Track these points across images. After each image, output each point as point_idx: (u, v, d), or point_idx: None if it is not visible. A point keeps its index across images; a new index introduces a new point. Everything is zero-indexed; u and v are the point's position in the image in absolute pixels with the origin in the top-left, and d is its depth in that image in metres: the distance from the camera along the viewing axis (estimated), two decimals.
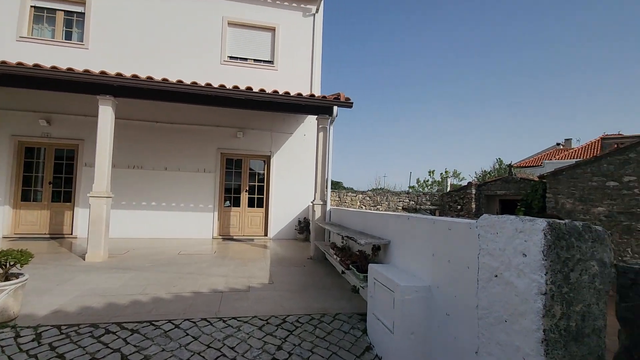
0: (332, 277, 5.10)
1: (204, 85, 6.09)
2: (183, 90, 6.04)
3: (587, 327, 1.66)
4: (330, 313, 3.62)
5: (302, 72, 9.44)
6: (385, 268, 3.09)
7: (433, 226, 2.62)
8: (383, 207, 13.13)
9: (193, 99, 6.28)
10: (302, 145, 9.45)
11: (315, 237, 6.68)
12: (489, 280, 1.92)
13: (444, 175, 26.71)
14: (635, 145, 7.92)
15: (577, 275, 1.65)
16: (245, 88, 6.26)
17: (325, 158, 6.74)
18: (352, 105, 6.42)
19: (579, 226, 1.70)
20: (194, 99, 6.29)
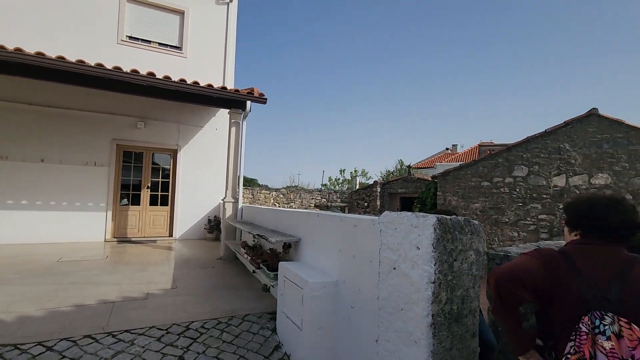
0: (242, 277, 4.94)
1: (94, 66, 5.27)
2: (64, 69, 5.12)
3: (465, 309, 1.91)
4: (239, 315, 3.49)
5: (215, 62, 8.92)
6: (295, 265, 3.11)
7: (340, 223, 2.72)
8: (296, 204, 13.31)
9: (78, 80, 5.39)
10: (213, 139, 8.95)
11: (226, 237, 6.40)
12: (389, 273, 2.07)
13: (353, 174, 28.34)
14: (502, 152, 9.57)
15: (459, 264, 1.88)
16: (146, 73, 5.62)
17: (237, 154, 6.49)
18: (266, 101, 6.31)
19: (461, 221, 1.94)
20: (80, 80, 5.40)
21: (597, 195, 1.43)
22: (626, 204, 1.36)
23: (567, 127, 8.62)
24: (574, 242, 1.39)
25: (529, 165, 9.01)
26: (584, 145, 8.36)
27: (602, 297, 1.18)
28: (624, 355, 1.06)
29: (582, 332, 1.17)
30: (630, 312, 1.13)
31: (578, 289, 1.24)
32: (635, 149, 7.82)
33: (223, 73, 8.92)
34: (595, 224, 1.34)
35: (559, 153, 8.64)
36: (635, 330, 1.08)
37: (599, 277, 1.23)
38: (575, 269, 1.28)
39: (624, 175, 7.89)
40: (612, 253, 1.29)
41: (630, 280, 1.19)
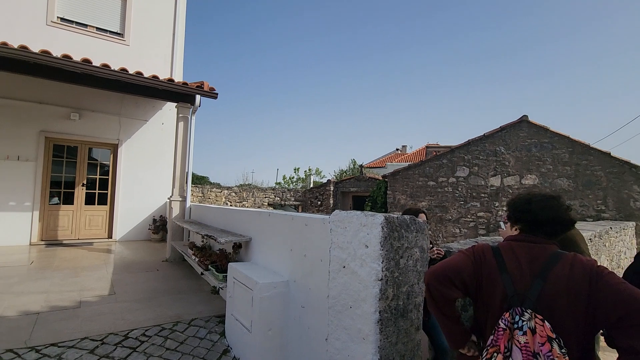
0: (190, 280, 4.72)
1: (17, 48, 4.69)
2: None
3: (410, 304, 1.99)
4: (184, 320, 3.32)
5: (161, 52, 8.39)
6: (245, 266, 3.03)
7: (292, 222, 2.70)
8: (249, 203, 13.03)
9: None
10: (160, 134, 8.43)
11: (173, 237, 6.06)
12: (339, 271, 2.09)
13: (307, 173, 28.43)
14: (447, 153, 10.19)
15: (405, 261, 1.95)
16: (81, 60, 5.12)
17: (185, 150, 6.17)
18: (216, 96, 6.07)
19: (407, 219, 2.02)
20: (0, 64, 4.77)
21: (535, 193, 1.49)
22: (560, 201, 1.41)
23: (502, 132, 9.41)
24: (509, 238, 1.46)
25: (469, 167, 9.69)
26: (516, 149, 9.19)
27: (523, 294, 1.25)
28: (535, 349, 1.14)
29: (500, 327, 1.24)
30: (545, 310, 1.20)
31: (503, 286, 1.31)
32: (558, 153, 8.77)
33: (171, 64, 8.42)
34: (530, 219, 1.40)
35: (495, 155, 9.41)
36: (546, 327, 1.15)
37: (524, 275, 1.30)
38: (502, 266, 1.35)
39: (549, 176, 8.81)
40: (541, 250, 1.32)
41: (549, 279, 1.23)
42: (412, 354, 1.97)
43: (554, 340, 1.13)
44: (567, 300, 1.19)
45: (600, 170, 8.36)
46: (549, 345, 1.12)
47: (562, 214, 1.38)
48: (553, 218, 1.36)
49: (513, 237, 1.45)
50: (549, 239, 1.37)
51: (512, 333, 1.21)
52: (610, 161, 8.29)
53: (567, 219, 1.39)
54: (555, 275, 1.23)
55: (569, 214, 1.40)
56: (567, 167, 8.67)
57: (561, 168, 8.71)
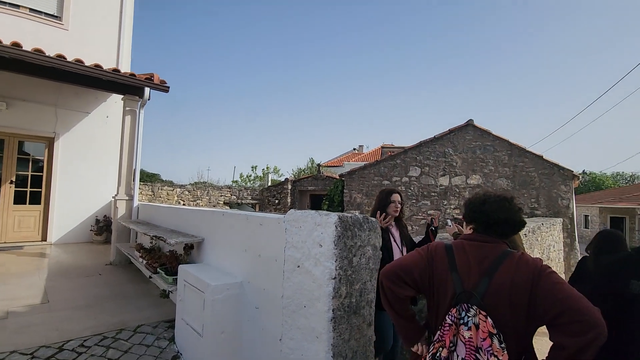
0: (137, 284, 4.44)
1: None
2: None
3: (363, 301, 2.04)
4: (130, 326, 3.12)
5: (107, 40, 7.78)
6: (197, 268, 2.91)
7: (246, 222, 2.64)
8: (204, 202, 12.56)
9: None
10: (104, 128, 7.82)
11: (118, 239, 5.66)
12: (293, 271, 2.08)
13: (265, 171, 28.04)
14: (400, 154, 10.61)
15: (358, 259, 1.99)
16: (10, 43, 4.59)
17: (133, 146, 5.79)
18: (168, 89, 5.77)
19: (360, 218, 2.06)
20: None
21: (490, 194, 1.54)
22: (513, 203, 1.46)
23: (451, 134, 9.99)
24: (463, 237, 1.52)
25: (421, 167, 10.17)
26: (463, 151, 9.81)
27: (471, 292, 1.31)
28: (478, 344, 1.20)
29: (446, 323, 1.31)
30: (490, 307, 1.25)
31: (453, 283, 1.38)
32: (499, 155, 9.50)
33: (117, 53, 7.84)
34: (483, 219, 1.45)
35: (444, 156, 9.97)
36: (488, 323, 1.21)
37: (472, 273, 1.34)
38: (452, 264, 1.41)
39: (491, 176, 9.51)
40: (491, 249, 1.37)
41: (496, 277, 1.28)
42: (364, 349, 2.02)
43: (495, 335, 1.19)
44: (510, 297, 1.24)
45: (534, 171, 9.19)
46: (489, 340, 1.18)
47: (514, 215, 1.43)
48: (505, 219, 1.41)
49: (466, 236, 1.51)
50: (500, 239, 1.42)
51: (458, 328, 1.26)
52: (542, 163, 9.14)
53: (518, 221, 1.44)
54: (502, 273, 1.28)
55: (520, 216, 1.46)
56: (507, 168, 9.42)
57: (501, 169, 9.45)
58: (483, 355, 1.17)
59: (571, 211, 8.87)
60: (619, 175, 42.46)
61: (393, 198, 2.74)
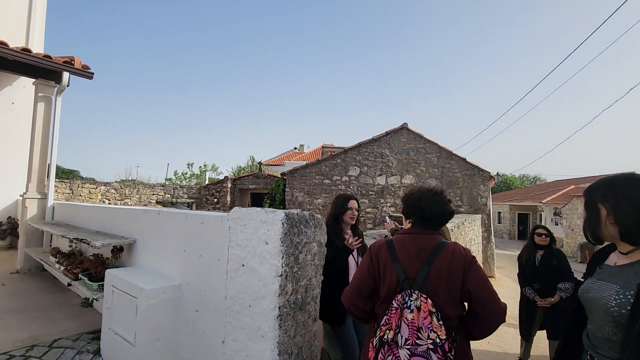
0: (52, 294, 3.92)
1: None
2: None
3: (308, 297, 2.06)
4: (43, 342, 2.74)
5: (13, 15, 6.72)
6: (128, 272, 2.68)
7: (185, 221, 2.50)
8: (133, 201, 11.53)
9: None
10: (8, 116, 6.75)
11: (28, 243, 4.94)
12: (237, 270, 2.03)
13: (202, 169, 26.77)
14: (341, 154, 10.91)
15: (304, 256, 2.01)
16: None
17: (47, 138, 5.10)
18: (92, 76, 5.19)
19: (306, 215, 2.08)
20: None
21: (424, 190, 1.70)
22: (443, 196, 1.65)
23: (387, 137, 10.55)
24: (402, 231, 1.68)
25: (360, 166, 10.58)
26: (398, 152, 10.42)
27: (413, 279, 1.45)
28: (419, 324, 1.33)
29: (392, 307, 1.42)
30: (430, 290, 1.40)
31: (396, 273, 1.50)
32: (429, 157, 10.28)
33: (27, 31, 6.81)
34: (420, 214, 1.60)
35: (381, 157, 10.49)
36: (429, 303, 1.35)
37: (413, 262, 1.50)
38: (394, 256, 1.55)
39: (422, 177, 10.25)
40: (429, 241, 1.53)
41: (434, 265, 1.44)
42: (309, 344, 2.05)
43: (434, 313, 1.33)
44: (447, 281, 1.43)
45: (459, 172, 10.13)
46: (429, 318, 1.32)
47: (445, 207, 1.62)
48: (438, 212, 1.60)
49: (405, 230, 1.67)
50: (435, 230, 1.60)
51: (402, 312, 1.37)
52: (465, 165, 10.11)
53: (449, 212, 1.64)
54: (439, 261, 1.45)
55: (450, 207, 1.65)
56: (436, 169, 10.24)
57: (431, 170, 10.25)
58: (424, 332, 1.30)
59: (488, 208, 9.96)
60: (525, 176, 48.77)
61: (350, 205, 2.64)
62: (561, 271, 3.58)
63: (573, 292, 3.47)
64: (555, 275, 3.57)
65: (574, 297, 3.69)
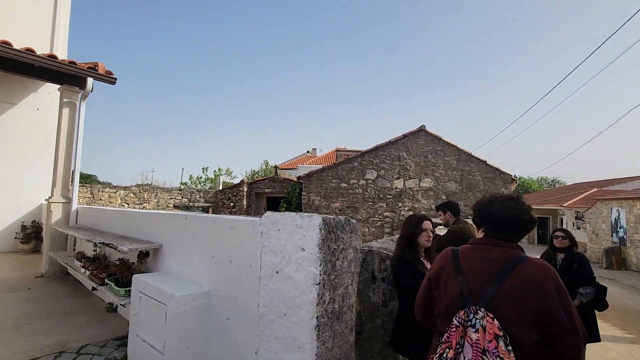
0: (77, 298, 3.93)
1: None
2: None
3: (345, 306, 1.96)
4: (71, 348, 2.72)
5: (38, 23, 6.89)
6: (156, 277, 2.64)
7: (214, 225, 2.44)
8: (151, 205, 11.66)
9: None
10: (34, 122, 6.91)
11: (52, 247, 4.99)
12: (271, 277, 1.95)
13: (217, 173, 27.04)
14: (357, 157, 10.80)
15: (340, 263, 1.92)
16: None
17: (72, 143, 5.17)
18: (115, 81, 5.25)
19: (342, 220, 1.99)
20: None
21: (496, 195, 1.54)
22: (519, 201, 1.44)
23: (405, 139, 10.40)
24: (471, 241, 1.52)
25: (377, 170, 10.44)
26: (416, 155, 10.25)
27: (479, 294, 1.31)
28: (484, 346, 1.20)
29: (452, 325, 1.30)
30: (499, 309, 1.24)
31: (459, 286, 1.37)
32: (448, 160, 10.07)
33: (51, 38, 6.98)
34: (491, 220, 1.44)
35: (399, 160, 10.33)
36: (495, 325, 1.21)
37: (480, 276, 1.34)
38: (458, 268, 1.42)
39: (441, 180, 10.05)
40: (502, 253, 1.35)
41: (507, 282, 1.27)
42: (346, 356, 1.95)
43: (501, 337, 1.18)
44: (522, 302, 1.24)
45: (479, 175, 9.88)
46: (495, 342, 1.17)
47: (521, 213, 1.41)
48: (512, 217, 1.40)
49: (476, 239, 1.51)
50: (512, 241, 1.41)
51: (465, 330, 1.25)
52: (486, 168, 9.87)
53: (527, 218, 1.42)
54: (514, 278, 1.27)
55: (530, 214, 1.43)
56: (455, 172, 10.02)
57: (450, 173, 10.03)
58: (489, 357, 1.16)
59: None
60: (543, 179, 47.55)
61: (424, 226, 2.40)
62: (582, 276, 3.41)
63: (594, 297, 3.38)
64: (576, 280, 3.40)
65: (595, 302, 3.50)
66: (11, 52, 4.42)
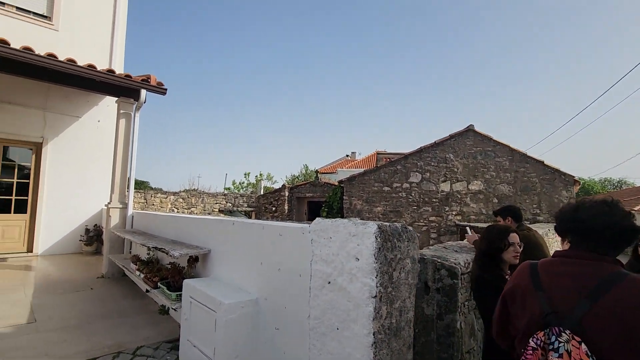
0: (132, 300, 4.12)
1: None
2: None
3: (402, 321, 1.80)
4: (128, 349, 2.81)
5: (98, 40, 7.48)
6: (205, 283, 2.64)
7: (262, 232, 2.39)
8: (198, 209, 12.18)
9: None
10: (95, 133, 7.48)
11: (111, 250, 5.32)
12: (322, 288, 1.84)
13: (258, 178, 27.70)
14: (400, 160, 10.46)
15: (397, 274, 1.76)
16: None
17: (128, 151, 5.49)
18: (165, 91, 5.50)
19: (399, 227, 1.83)
20: None
21: (585, 199, 1.31)
22: (615, 206, 1.20)
23: (451, 140, 9.89)
24: (556, 254, 1.30)
25: (422, 172, 10.03)
26: (464, 156, 9.70)
27: (563, 314, 1.12)
28: None
29: (529, 347, 1.13)
30: (590, 332, 1.06)
31: (539, 303, 1.18)
32: (500, 160, 9.41)
33: (110, 54, 7.54)
34: (578, 228, 1.22)
35: (445, 162, 9.84)
36: (582, 350, 1.02)
37: (565, 293, 1.16)
38: (537, 284, 1.22)
39: (492, 182, 9.41)
40: (593, 267, 1.15)
41: (602, 302, 1.07)
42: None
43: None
44: (622, 325, 1.03)
45: (535, 176, 9.12)
46: None
47: (619, 220, 1.16)
48: (607, 226, 1.15)
49: (560, 252, 1.29)
50: (607, 254, 1.16)
51: (547, 354, 1.08)
52: (543, 169, 9.08)
53: (627, 226, 1.15)
54: (611, 298, 1.07)
55: (629, 221, 1.16)
56: (508, 173, 9.34)
57: (503, 174, 9.36)
58: None
59: None
60: (607, 180, 43.23)
61: (511, 239, 2.05)
62: None
63: None
64: None
65: None
66: (77, 69, 4.79)
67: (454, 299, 2.57)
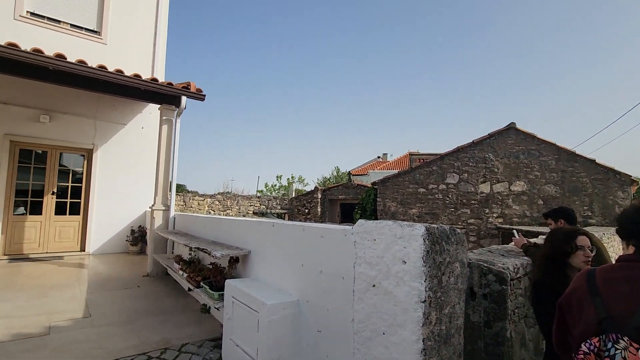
0: (175, 298, 4.28)
1: None
2: None
3: (452, 328, 1.72)
4: (174, 345, 2.92)
5: (142, 51, 7.92)
6: (246, 283, 2.68)
7: (302, 233, 2.39)
8: (233, 211, 12.52)
9: None
10: (139, 139, 7.91)
11: (155, 250, 5.58)
12: (367, 291, 1.80)
13: (290, 181, 28.01)
14: (436, 160, 10.15)
15: (447, 278, 1.69)
16: (54, 55, 4.65)
17: (169, 156, 5.74)
18: (204, 97, 5.71)
19: (447, 230, 1.76)
20: None
21: None
22: None
23: (491, 139, 9.46)
24: (619, 258, 1.23)
25: (459, 173, 9.66)
26: (505, 156, 9.24)
27: (621, 320, 1.05)
28: None
29: (581, 351, 1.08)
30: None
31: (595, 309, 1.13)
32: (545, 160, 8.86)
33: (152, 64, 7.96)
34: None
35: (484, 162, 9.42)
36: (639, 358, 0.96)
37: (625, 298, 1.10)
38: (593, 289, 1.17)
39: (537, 183, 8.87)
40: None
41: None
42: None
43: None
44: None
45: (586, 176, 8.49)
46: None
47: None
48: None
49: (623, 256, 1.21)
50: None
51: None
52: (595, 168, 8.44)
53: None
54: None
55: None
56: (554, 173, 8.77)
57: (548, 175, 8.81)
58: None
59: None
60: None
61: (580, 242, 1.86)
62: None
63: None
64: None
65: None
66: (124, 79, 5.09)
67: (503, 306, 2.43)
